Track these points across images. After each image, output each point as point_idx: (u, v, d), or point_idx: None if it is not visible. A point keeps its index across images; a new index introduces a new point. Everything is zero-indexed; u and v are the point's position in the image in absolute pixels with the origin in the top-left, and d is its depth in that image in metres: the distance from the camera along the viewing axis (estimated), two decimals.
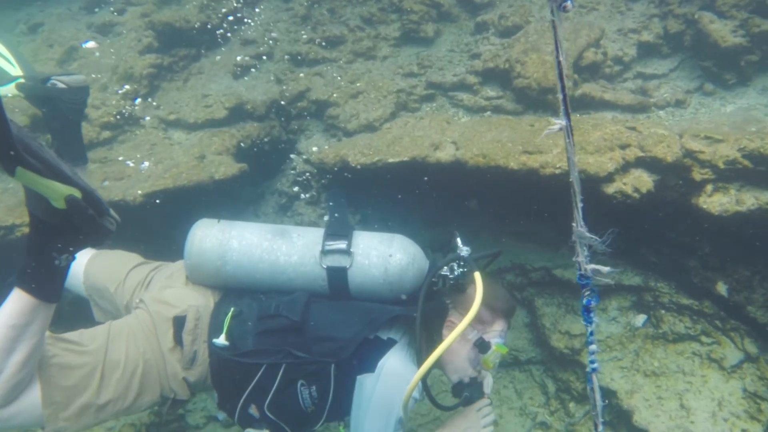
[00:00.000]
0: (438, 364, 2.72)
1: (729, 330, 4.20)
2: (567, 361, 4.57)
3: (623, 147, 3.97)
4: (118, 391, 2.73)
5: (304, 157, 5.32)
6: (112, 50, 5.77)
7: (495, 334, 3.03)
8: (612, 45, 5.09)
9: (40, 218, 2.11)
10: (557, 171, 3.89)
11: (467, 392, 3.03)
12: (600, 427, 2.24)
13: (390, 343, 2.85)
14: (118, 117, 5.21)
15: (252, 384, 2.84)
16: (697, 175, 3.87)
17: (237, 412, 2.94)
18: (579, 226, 1.96)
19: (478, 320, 2.96)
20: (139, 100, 5.39)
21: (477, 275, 2.87)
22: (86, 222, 2.11)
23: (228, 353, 2.83)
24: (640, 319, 4.45)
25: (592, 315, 2.04)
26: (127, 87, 5.37)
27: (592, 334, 2.10)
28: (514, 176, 4.07)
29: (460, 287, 3.06)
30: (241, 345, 2.85)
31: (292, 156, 5.47)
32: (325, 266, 2.91)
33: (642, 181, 3.86)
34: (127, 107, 5.28)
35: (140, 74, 5.43)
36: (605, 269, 2.01)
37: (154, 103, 5.46)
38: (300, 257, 2.95)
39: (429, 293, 2.89)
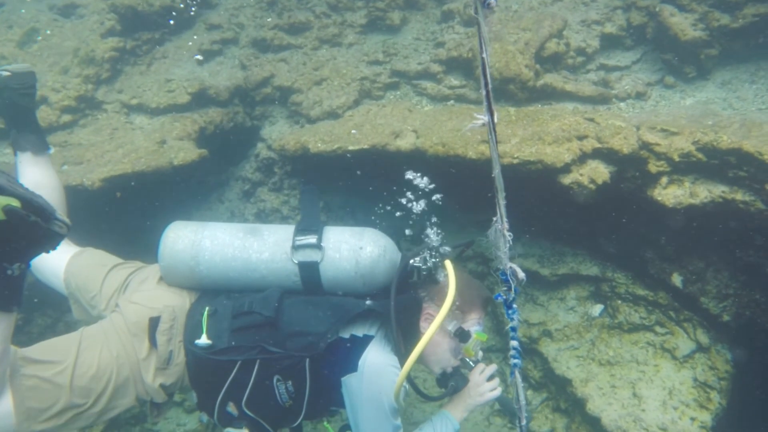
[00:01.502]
0: (419, 358, 2.73)
1: (682, 320, 4.26)
2: (525, 349, 4.61)
3: (581, 138, 3.99)
4: (91, 399, 2.73)
5: (268, 143, 5.29)
6: (73, 33, 5.67)
7: (473, 323, 3.05)
8: (575, 36, 5.11)
9: None
10: (515, 161, 3.91)
11: (452, 381, 3.07)
12: (524, 422, 2.28)
13: (366, 340, 2.86)
14: (78, 101, 5.13)
15: (228, 381, 2.85)
16: (653, 167, 3.91)
17: (216, 410, 2.94)
18: (500, 224, 1.96)
19: (455, 310, 2.98)
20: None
21: (448, 264, 2.91)
22: (32, 230, 2.10)
23: (204, 352, 2.84)
24: (597, 308, 4.50)
25: (512, 311, 2.06)
26: (88, 70, 5.29)
27: (514, 329, 2.12)
28: (474, 165, 4.08)
29: (434, 278, 3.08)
30: (216, 343, 2.85)
31: (256, 143, 5.43)
32: (296, 261, 2.92)
33: (598, 172, 3.88)
34: (88, 91, 5.20)
35: (102, 58, 5.35)
36: (521, 273, 2.04)
37: (117, 87, 5.39)
38: (271, 254, 2.95)
39: (401, 285, 2.89)
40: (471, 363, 3.18)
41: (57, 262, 3.34)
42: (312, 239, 2.94)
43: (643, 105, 4.73)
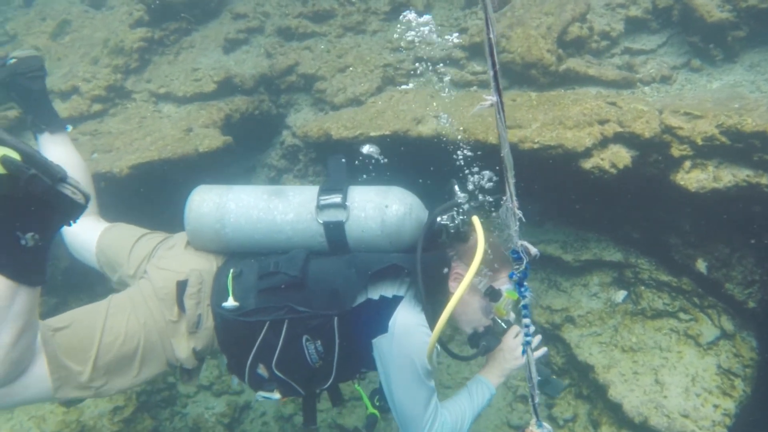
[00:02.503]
0: (450, 317, 2.65)
1: (707, 307, 4.22)
2: (548, 335, 4.61)
3: (602, 122, 3.96)
4: (121, 365, 2.79)
5: (293, 130, 5.34)
6: (103, 24, 5.79)
7: (504, 281, 2.98)
8: (599, 20, 5.05)
9: None
10: (536, 146, 3.90)
11: (484, 341, 3.03)
12: (536, 399, 2.28)
13: (396, 300, 2.82)
14: (108, 90, 5.25)
15: (257, 343, 2.85)
16: (676, 151, 3.86)
17: (246, 373, 2.95)
18: (510, 203, 1.97)
19: (485, 269, 2.93)
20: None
21: (476, 220, 2.84)
22: (38, 190, 2.07)
23: (232, 314, 2.84)
24: (620, 295, 4.47)
25: (524, 289, 2.07)
26: (117, 60, 5.39)
27: (526, 307, 2.13)
28: (495, 150, 4.07)
29: (462, 236, 3.00)
30: (243, 305, 2.85)
31: (281, 130, 5.50)
32: (321, 221, 2.89)
33: (620, 156, 3.85)
34: (117, 81, 5.31)
35: (131, 48, 5.46)
36: (533, 250, 2.04)
37: (145, 77, 5.49)
38: (296, 214, 2.93)
39: (428, 243, 2.86)
40: (502, 324, 3.14)
41: (89, 238, 3.41)
42: (336, 198, 2.91)
43: (668, 89, 4.66)
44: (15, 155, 2.00)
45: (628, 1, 5.13)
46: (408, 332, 2.74)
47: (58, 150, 3.49)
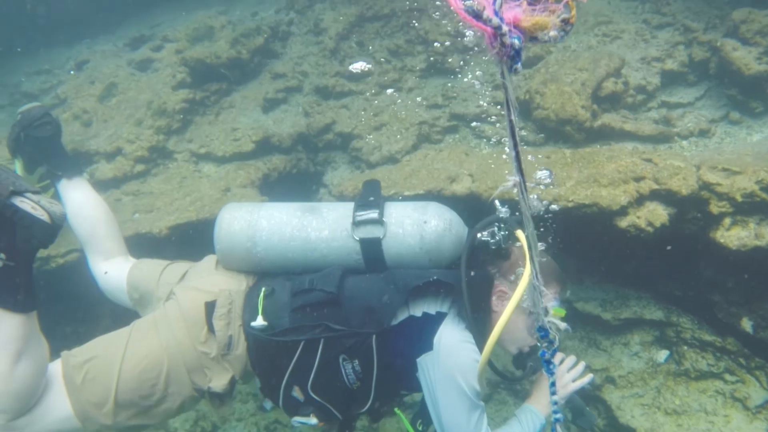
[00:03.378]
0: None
1: (754, 368, 4.06)
2: (588, 396, 4.48)
3: (638, 180, 3.91)
4: (144, 390, 2.72)
5: (330, 188, 5.41)
6: (148, 86, 6.00)
7: (550, 298, 2.83)
8: (635, 74, 5.03)
9: None
10: (570, 204, 3.86)
11: (531, 362, 2.90)
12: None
13: (440, 317, 2.71)
14: (151, 151, 5.41)
15: (292, 363, 2.74)
16: (715, 208, 3.78)
17: (281, 396, 2.84)
18: (536, 281, 1.95)
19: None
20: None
21: (520, 234, 2.70)
22: None
23: (265, 334, 2.73)
24: (662, 354, 4.33)
25: (552, 366, 2.03)
26: (160, 122, 5.57)
27: (554, 384, 2.08)
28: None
29: (504, 253, 2.87)
30: (276, 324, 2.75)
31: (319, 188, 5.57)
32: (357, 238, 2.80)
33: (656, 214, 3.79)
34: (159, 141, 5.47)
35: (173, 109, 5.63)
36: (563, 325, 2.00)
37: (187, 137, 5.65)
38: (331, 231, 2.84)
39: (471, 257, 2.75)
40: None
41: (119, 276, 3.35)
42: (373, 214, 2.81)
43: (707, 142, 4.59)
44: None
45: (663, 55, 5.11)
46: (454, 350, 2.64)
47: (77, 194, 3.46)
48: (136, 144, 5.40)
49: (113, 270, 3.39)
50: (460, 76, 5.79)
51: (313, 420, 2.84)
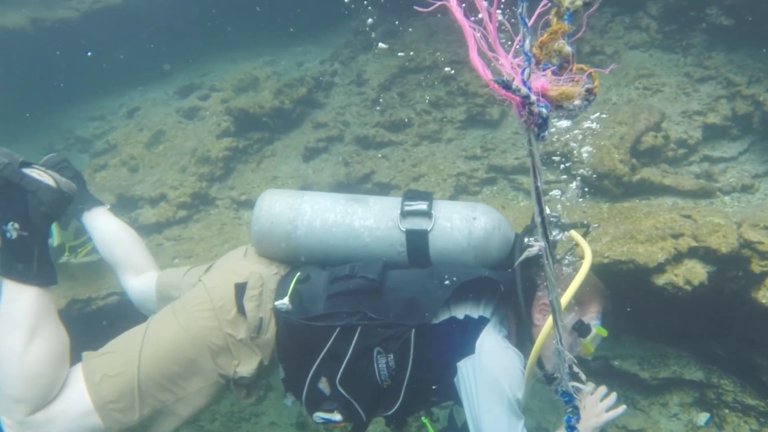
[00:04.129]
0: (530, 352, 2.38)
1: None
2: None
3: (676, 236, 3.84)
4: (165, 379, 2.67)
5: None
6: (194, 133, 6.19)
7: (593, 316, 2.70)
8: (676, 128, 4.98)
9: None
10: (605, 260, 3.81)
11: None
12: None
13: (482, 322, 2.61)
14: (193, 197, 5.55)
15: (323, 352, 2.61)
16: (756, 267, 3.69)
17: (305, 388, 2.69)
18: (559, 345, 1.93)
19: (575, 301, 2.60)
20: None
21: (575, 234, 2.57)
22: None
23: (299, 318, 2.64)
24: (702, 417, 4.19)
25: None
26: (203, 169, 5.72)
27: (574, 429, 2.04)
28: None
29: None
30: (310, 309, 2.66)
31: None
32: (404, 229, 2.71)
33: (695, 272, 3.71)
34: (202, 188, 5.61)
35: (216, 157, 5.78)
36: (587, 388, 1.96)
37: (229, 184, 5.79)
38: (377, 220, 2.75)
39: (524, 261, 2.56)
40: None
41: (148, 289, 3.37)
42: (422, 206, 2.73)
43: (750, 198, 4.50)
44: None
45: (705, 108, 5.06)
46: (499, 355, 2.53)
47: (100, 221, 3.55)
48: (179, 190, 5.55)
49: (145, 283, 3.42)
50: (499, 127, 5.83)
51: (337, 416, 2.71)
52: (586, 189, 4.69)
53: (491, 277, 2.59)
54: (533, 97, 1.82)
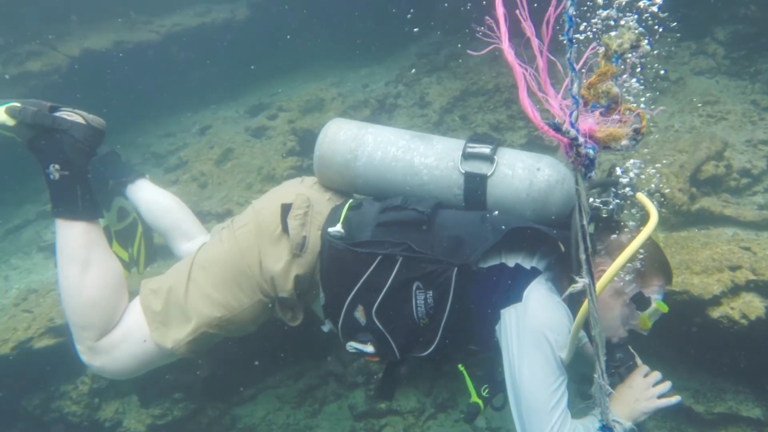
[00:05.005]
0: (584, 320, 2.21)
1: None
2: None
3: (733, 269, 3.80)
4: (212, 298, 2.75)
5: None
6: (261, 152, 6.43)
7: (654, 290, 2.59)
8: (739, 157, 4.91)
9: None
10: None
11: (619, 353, 2.66)
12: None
13: (534, 273, 2.54)
14: None
15: (362, 279, 2.61)
16: None
17: (342, 315, 2.70)
18: (601, 379, 1.99)
19: (636, 272, 2.54)
20: None
21: (641, 196, 2.48)
22: (28, 117, 2.66)
23: (343, 243, 2.65)
24: None
25: None
26: (268, 186, 5.93)
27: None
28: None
29: (613, 226, 2.61)
30: (358, 236, 2.65)
31: None
32: (463, 171, 2.67)
33: (752, 306, 3.67)
34: None
35: (281, 175, 5.98)
36: (627, 425, 2.00)
37: None
38: (437, 159, 2.72)
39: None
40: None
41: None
42: (486, 150, 2.66)
43: None
44: (16, 104, 2.65)
45: None
46: (546, 307, 2.45)
47: (145, 192, 3.56)
48: (245, 206, 5.77)
49: (197, 246, 3.47)
50: (559, 152, 5.84)
51: (369, 348, 2.71)
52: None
53: (547, 232, 2.50)
54: (581, 139, 1.92)
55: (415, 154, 2.73)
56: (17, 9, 6.93)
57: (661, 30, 2.20)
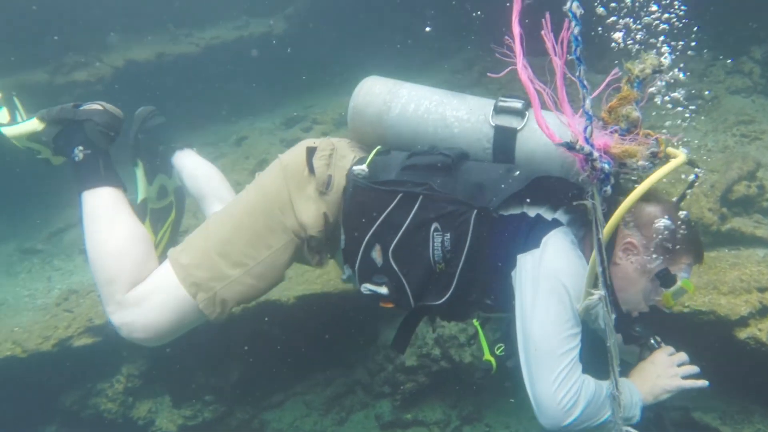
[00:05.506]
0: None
1: None
2: None
3: (762, 290, 3.80)
4: (243, 241, 2.75)
5: None
6: None
7: (681, 267, 2.49)
8: None
9: None
10: (685, 310, 3.82)
11: (639, 327, 2.60)
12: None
13: (555, 224, 2.49)
14: None
15: (382, 217, 2.62)
16: None
17: (359, 255, 2.68)
18: (614, 390, 2.04)
19: (665, 249, 2.45)
20: None
21: (673, 151, 2.28)
22: (55, 113, 2.92)
23: (365, 181, 2.67)
24: None
25: None
26: None
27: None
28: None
29: (644, 196, 2.40)
30: (381, 176, 2.68)
31: None
32: (493, 124, 2.65)
33: None
34: None
35: None
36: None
37: None
38: (469, 112, 2.73)
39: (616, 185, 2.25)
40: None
41: None
42: (517, 105, 2.64)
43: None
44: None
45: None
46: (565, 255, 2.40)
47: (189, 160, 3.61)
48: None
49: None
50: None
51: (383, 290, 2.67)
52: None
53: (574, 183, 2.43)
54: (596, 154, 1.98)
55: (448, 108, 2.76)
56: (66, 22, 7.22)
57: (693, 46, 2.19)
